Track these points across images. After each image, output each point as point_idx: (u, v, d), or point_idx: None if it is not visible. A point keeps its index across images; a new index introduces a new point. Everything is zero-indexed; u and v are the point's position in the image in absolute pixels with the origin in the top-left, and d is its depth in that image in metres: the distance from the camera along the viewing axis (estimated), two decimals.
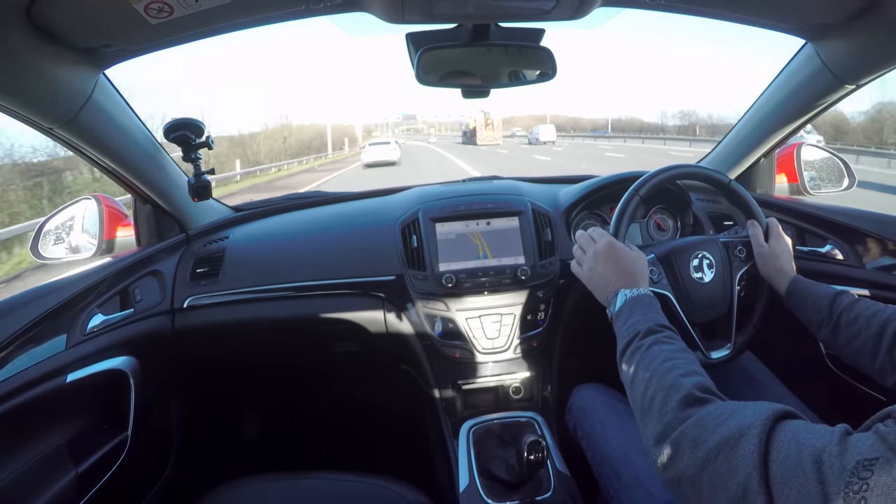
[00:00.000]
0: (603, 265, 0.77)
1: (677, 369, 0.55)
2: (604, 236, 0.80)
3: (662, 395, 0.53)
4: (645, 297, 0.71)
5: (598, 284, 0.78)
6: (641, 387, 0.57)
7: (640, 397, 0.56)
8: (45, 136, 0.83)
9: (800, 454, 0.38)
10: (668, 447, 0.48)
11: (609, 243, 0.79)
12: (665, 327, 0.65)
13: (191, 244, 1.17)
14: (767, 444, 0.41)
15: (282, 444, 1.45)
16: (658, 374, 0.56)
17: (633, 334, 0.64)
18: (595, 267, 0.78)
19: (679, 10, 0.86)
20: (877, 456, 0.35)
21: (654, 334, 0.63)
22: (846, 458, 0.36)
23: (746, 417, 0.44)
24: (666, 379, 0.54)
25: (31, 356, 0.76)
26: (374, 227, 1.16)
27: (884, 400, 0.87)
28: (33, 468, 0.75)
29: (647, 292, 0.72)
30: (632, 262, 0.77)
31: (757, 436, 0.42)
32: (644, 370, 0.58)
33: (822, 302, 0.77)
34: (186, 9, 0.69)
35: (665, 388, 0.53)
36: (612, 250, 0.78)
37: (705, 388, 0.52)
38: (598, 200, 1.17)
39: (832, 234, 1.04)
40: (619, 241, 0.80)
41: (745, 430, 0.43)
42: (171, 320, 1.07)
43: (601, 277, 0.77)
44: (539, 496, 0.84)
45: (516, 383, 1.11)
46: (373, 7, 0.76)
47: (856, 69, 0.90)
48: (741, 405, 0.47)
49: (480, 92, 0.96)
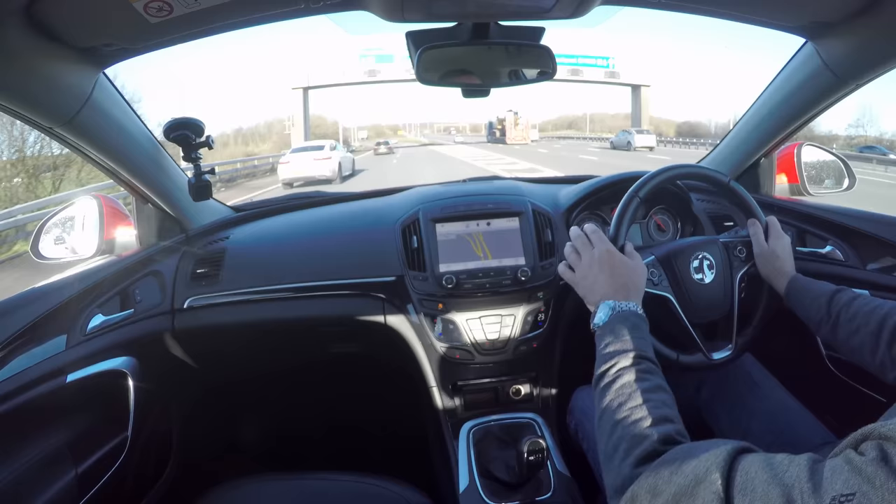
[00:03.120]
0: (596, 274, 0.74)
1: (645, 418, 0.53)
2: (603, 243, 0.77)
3: (625, 445, 0.51)
4: (631, 315, 0.68)
5: (587, 291, 0.75)
6: (608, 429, 0.55)
7: (604, 440, 0.55)
8: (46, 135, 0.83)
9: (767, 496, 0.35)
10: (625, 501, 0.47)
11: (607, 251, 0.75)
12: (645, 358, 0.62)
13: (191, 244, 1.17)
14: (729, 487, 0.38)
15: (282, 444, 1.45)
16: (625, 421, 0.54)
17: (609, 363, 0.62)
18: (588, 275, 0.75)
19: (679, 9, 0.86)
20: (853, 491, 0.32)
21: (631, 369, 0.60)
22: (820, 495, 0.33)
23: (701, 462, 0.42)
24: (631, 427, 0.53)
25: (31, 356, 0.76)
26: (375, 227, 1.16)
27: (884, 401, 0.87)
28: (33, 468, 0.75)
29: (636, 309, 0.69)
30: (628, 272, 0.74)
31: (717, 481, 0.39)
32: (612, 412, 0.56)
33: (821, 300, 0.77)
34: (186, 7, 0.69)
35: (629, 438, 0.52)
36: (609, 259, 0.74)
37: (669, 440, 0.50)
38: (598, 201, 1.17)
39: (832, 235, 1.04)
40: (617, 250, 0.76)
41: (701, 477, 0.40)
42: (172, 321, 1.07)
43: (592, 285, 0.74)
44: (539, 497, 0.84)
45: (516, 384, 1.11)
46: (373, 5, 0.76)
47: (856, 68, 0.90)
48: (694, 447, 0.45)
49: (480, 91, 0.96)
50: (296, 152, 14.12)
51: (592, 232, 0.79)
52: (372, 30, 0.89)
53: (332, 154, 13.55)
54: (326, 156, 13.33)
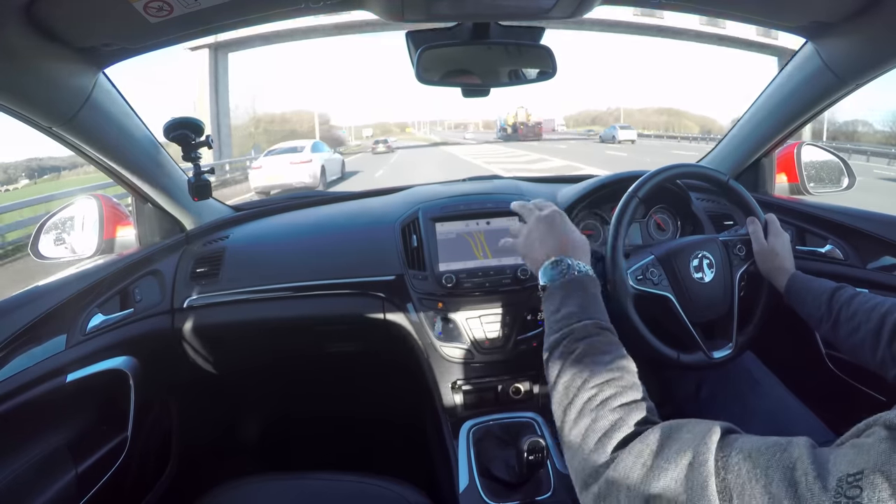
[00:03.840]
0: (544, 232, 0.67)
1: (614, 397, 0.48)
2: (550, 206, 0.71)
3: (596, 428, 0.46)
4: (586, 278, 0.61)
5: (532, 251, 0.68)
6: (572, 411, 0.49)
7: (567, 425, 0.49)
8: (45, 135, 0.83)
9: (767, 478, 0.33)
10: (600, 485, 0.43)
11: (557, 212, 0.69)
12: (603, 328, 0.56)
13: (191, 244, 1.17)
14: (724, 470, 0.35)
15: (282, 444, 1.45)
16: (591, 402, 0.48)
17: (565, 332, 0.56)
18: (533, 235, 0.68)
19: (679, 9, 0.86)
20: (860, 469, 0.30)
21: (589, 338, 0.54)
22: (826, 477, 0.31)
23: (687, 444, 0.38)
24: (600, 409, 0.47)
25: (31, 356, 0.76)
26: (374, 226, 1.16)
27: (884, 400, 0.87)
28: (33, 468, 0.75)
29: (588, 271, 0.63)
30: (577, 239, 0.67)
31: (707, 462, 0.36)
32: (573, 391, 0.50)
33: (822, 297, 0.77)
34: (186, 7, 0.69)
35: (599, 420, 0.46)
36: (559, 219, 0.68)
37: (643, 420, 0.46)
38: (598, 200, 1.17)
39: (832, 234, 1.04)
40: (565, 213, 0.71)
41: (692, 459, 0.37)
42: (171, 320, 1.07)
43: (538, 244, 0.67)
44: (539, 496, 0.84)
45: (516, 383, 1.11)
46: (373, 5, 0.76)
47: (856, 68, 0.90)
48: (675, 427, 0.41)
49: (480, 91, 0.96)
50: (270, 155, 12.14)
51: (539, 200, 0.75)
52: (372, 30, 0.89)
53: (312, 156, 11.51)
54: (306, 158, 11.34)
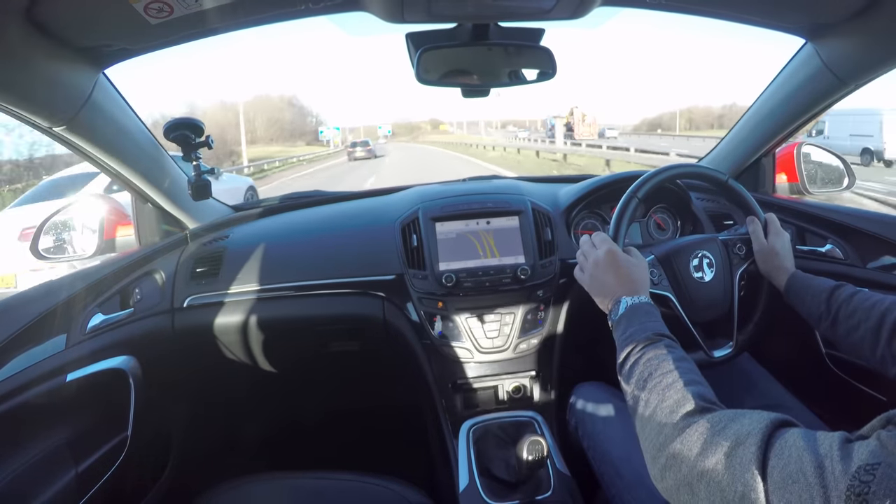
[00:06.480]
0: (603, 272, 0.77)
1: (676, 382, 0.55)
2: (605, 243, 0.80)
3: (660, 406, 0.53)
4: (643, 305, 0.71)
5: (598, 292, 0.78)
6: (641, 398, 0.57)
7: (639, 409, 0.56)
8: (45, 135, 0.83)
9: (801, 460, 0.38)
10: (666, 457, 0.49)
11: (609, 251, 0.78)
12: (663, 336, 0.64)
13: (190, 243, 1.17)
14: (766, 450, 0.41)
15: (282, 444, 1.45)
16: (657, 387, 0.56)
17: (631, 345, 0.64)
18: (595, 274, 0.78)
19: (679, 10, 0.86)
20: (878, 461, 0.35)
21: (652, 344, 0.62)
22: (848, 463, 0.36)
23: (744, 426, 0.44)
24: (664, 391, 0.55)
25: (31, 356, 0.76)
26: (374, 226, 1.16)
27: (884, 400, 0.87)
28: (33, 468, 0.75)
29: (647, 301, 0.72)
30: (632, 269, 0.77)
31: (755, 443, 0.42)
32: (642, 382, 0.58)
33: (821, 295, 0.77)
34: (186, 8, 0.69)
35: (663, 400, 0.54)
36: (611, 258, 0.77)
37: (704, 398, 0.52)
38: (597, 200, 1.17)
39: (832, 234, 1.04)
40: (619, 249, 0.79)
41: (742, 439, 0.43)
42: (171, 320, 1.07)
43: (602, 285, 0.77)
44: (539, 496, 0.84)
45: (516, 383, 1.11)
46: (373, 6, 0.76)
47: (856, 69, 0.90)
48: (740, 413, 0.47)
49: (480, 91, 0.96)
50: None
51: (597, 237, 0.82)
52: (372, 31, 0.89)
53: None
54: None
